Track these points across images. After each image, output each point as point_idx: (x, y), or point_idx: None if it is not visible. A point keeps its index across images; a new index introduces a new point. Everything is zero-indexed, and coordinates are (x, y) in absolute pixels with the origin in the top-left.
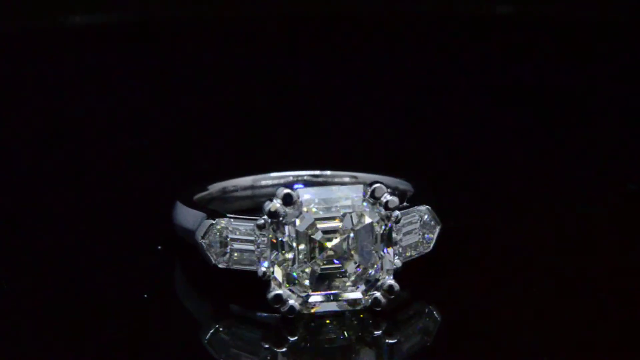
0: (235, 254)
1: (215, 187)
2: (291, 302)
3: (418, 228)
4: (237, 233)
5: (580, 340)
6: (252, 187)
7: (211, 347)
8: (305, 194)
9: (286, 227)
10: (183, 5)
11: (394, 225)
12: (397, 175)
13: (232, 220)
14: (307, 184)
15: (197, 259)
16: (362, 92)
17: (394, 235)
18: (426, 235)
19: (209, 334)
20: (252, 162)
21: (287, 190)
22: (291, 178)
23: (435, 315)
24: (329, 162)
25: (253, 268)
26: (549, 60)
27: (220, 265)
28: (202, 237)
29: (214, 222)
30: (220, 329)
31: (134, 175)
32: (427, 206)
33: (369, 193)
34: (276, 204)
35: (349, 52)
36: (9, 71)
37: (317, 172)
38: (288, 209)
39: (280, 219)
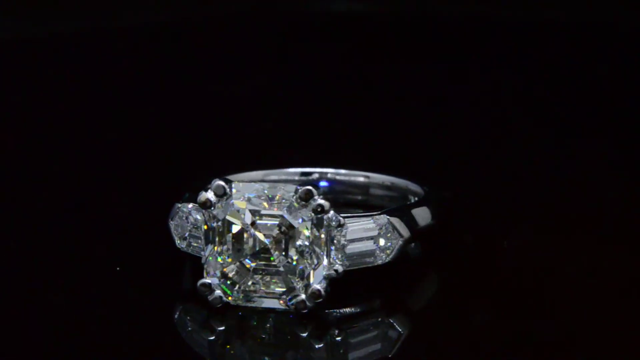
0: (191, 240)
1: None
2: (217, 292)
3: (375, 236)
4: (193, 220)
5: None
6: (262, 181)
7: (179, 326)
8: (240, 189)
9: (219, 220)
10: (186, 6)
11: (333, 229)
12: (410, 177)
13: (191, 207)
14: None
15: None
16: (383, 93)
17: (336, 240)
18: (387, 245)
19: (176, 314)
20: (268, 160)
21: (220, 182)
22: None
23: (397, 327)
24: (344, 162)
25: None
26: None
27: (182, 249)
28: (171, 220)
29: (180, 206)
30: (183, 310)
31: (152, 169)
32: (388, 216)
33: (298, 195)
34: (206, 195)
35: (373, 54)
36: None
37: (332, 170)
38: (220, 202)
39: (212, 209)
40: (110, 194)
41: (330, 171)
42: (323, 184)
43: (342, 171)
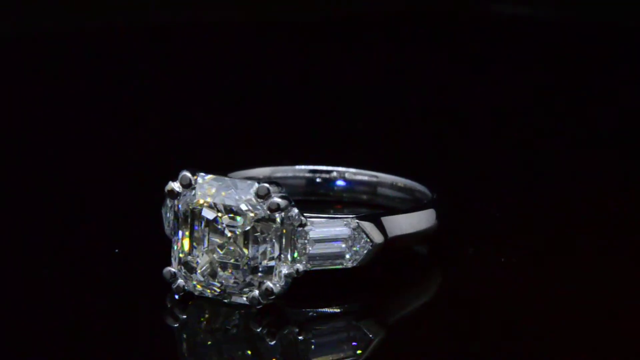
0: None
1: (236, 175)
2: (180, 280)
3: (344, 239)
4: (173, 210)
5: None
6: (270, 177)
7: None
8: (205, 181)
9: (184, 211)
10: (190, 9)
11: (295, 229)
12: (418, 179)
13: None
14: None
15: None
16: (401, 96)
17: (300, 240)
18: (356, 248)
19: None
20: (284, 158)
21: (186, 173)
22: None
23: (368, 333)
24: (354, 162)
25: None
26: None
27: (168, 236)
28: (163, 207)
29: None
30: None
31: (164, 163)
32: (360, 221)
33: (255, 192)
34: (172, 185)
35: (387, 56)
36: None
37: (341, 169)
38: (185, 192)
39: (177, 200)
40: (130, 183)
41: (341, 170)
42: (340, 182)
43: (352, 170)
